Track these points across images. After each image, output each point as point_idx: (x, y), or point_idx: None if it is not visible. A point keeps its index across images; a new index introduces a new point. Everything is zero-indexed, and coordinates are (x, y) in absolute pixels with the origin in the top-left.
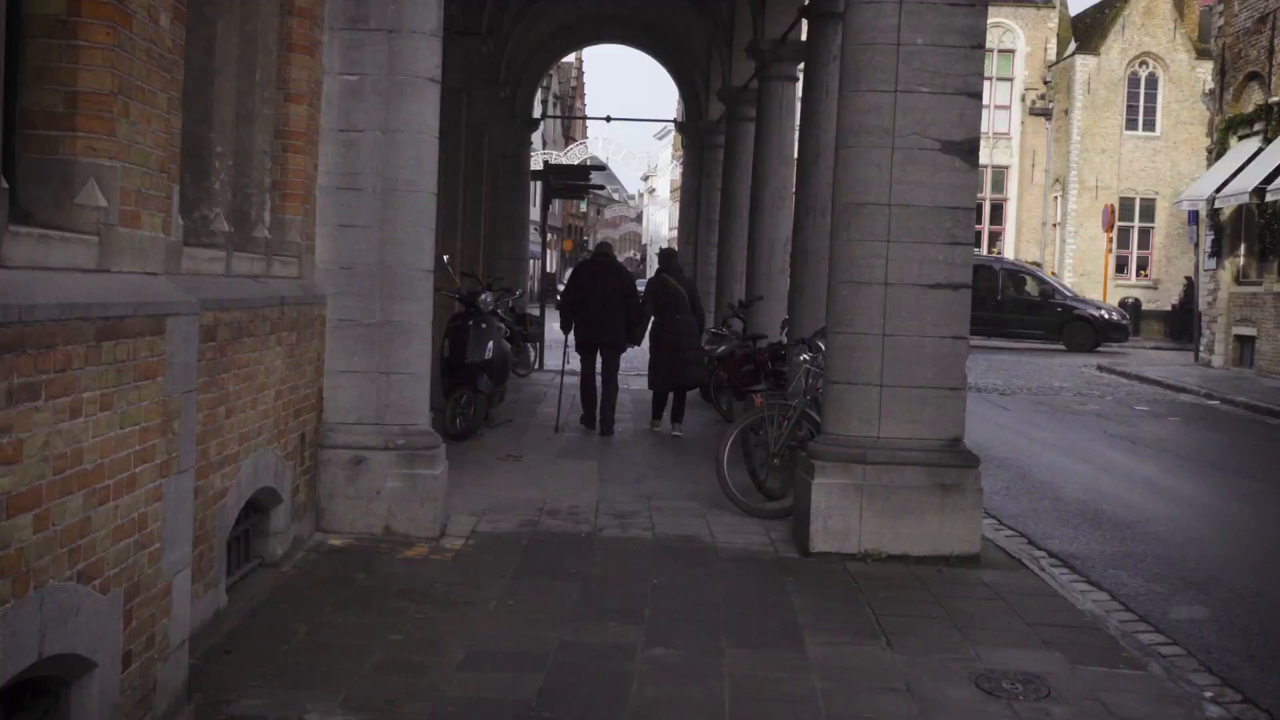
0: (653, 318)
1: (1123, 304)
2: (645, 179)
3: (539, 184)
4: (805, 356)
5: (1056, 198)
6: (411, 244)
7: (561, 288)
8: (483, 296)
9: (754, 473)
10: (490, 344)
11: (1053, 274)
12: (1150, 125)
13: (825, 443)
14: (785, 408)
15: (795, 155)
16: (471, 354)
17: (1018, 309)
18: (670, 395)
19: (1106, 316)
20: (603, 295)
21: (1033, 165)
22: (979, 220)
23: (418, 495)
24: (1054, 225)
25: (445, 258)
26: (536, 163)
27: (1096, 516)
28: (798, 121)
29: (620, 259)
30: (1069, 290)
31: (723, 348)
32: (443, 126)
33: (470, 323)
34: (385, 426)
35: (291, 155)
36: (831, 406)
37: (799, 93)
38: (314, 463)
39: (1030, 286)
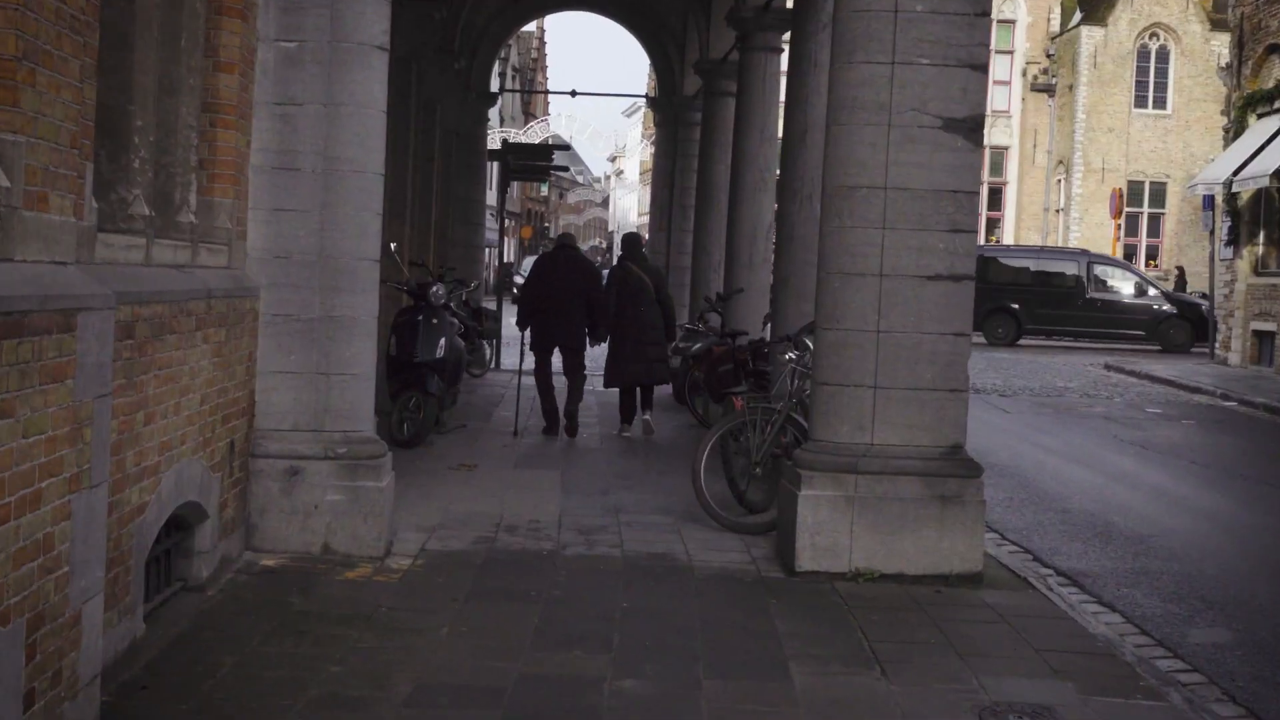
0: (615, 310)
1: None
2: (613, 160)
3: (496, 164)
4: (790, 355)
5: (1060, 181)
6: (355, 230)
7: (519, 279)
8: (434, 289)
9: (734, 483)
10: (442, 341)
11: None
12: (1161, 102)
13: (813, 450)
14: (768, 412)
15: (780, 134)
16: (421, 352)
17: (1108, 308)
18: (638, 392)
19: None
20: (563, 293)
21: (1034, 146)
22: None
23: (360, 510)
24: (1057, 211)
25: (392, 246)
26: (494, 141)
27: (1107, 530)
28: (783, 97)
29: (584, 248)
30: (1156, 285)
31: (699, 345)
32: (391, 100)
33: (420, 318)
34: (324, 433)
35: (221, 131)
36: (820, 410)
37: (784, 65)
38: (244, 474)
39: (1120, 282)
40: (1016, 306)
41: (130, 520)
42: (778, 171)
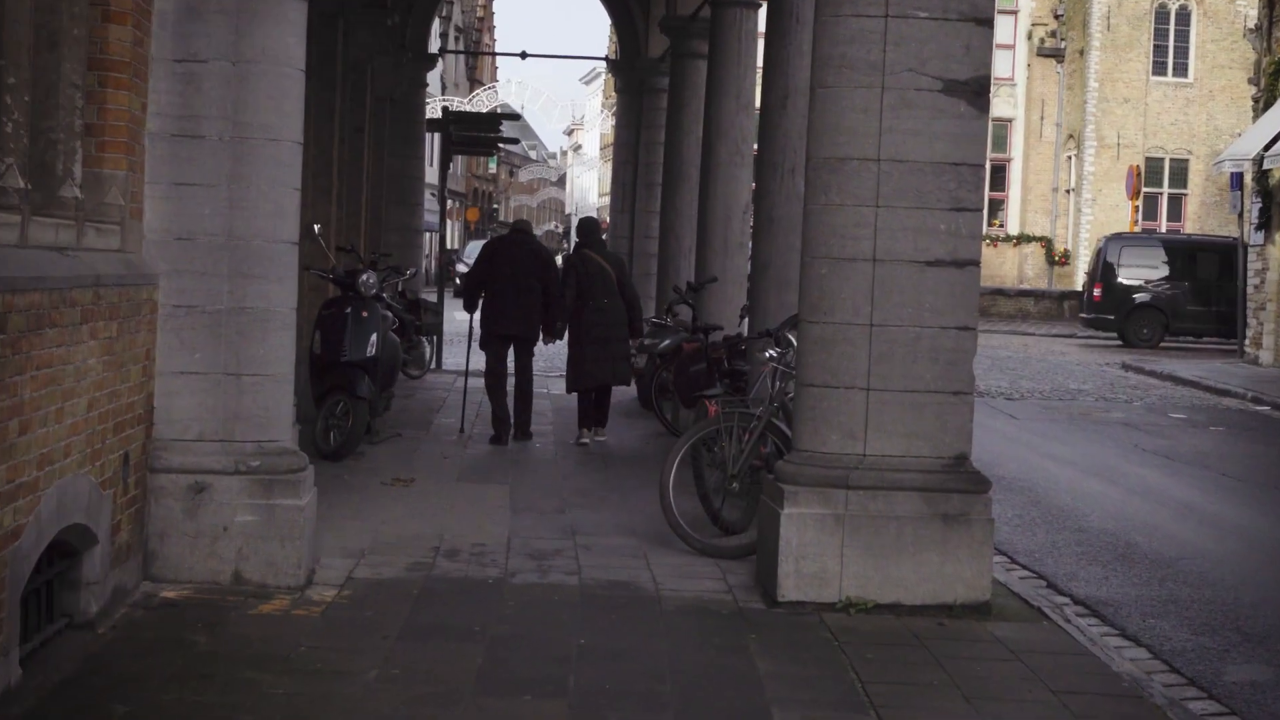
0: (573, 304)
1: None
2: (569, 133)
3: (436, 136)
4: (771, 353)
5: (1070, 158)
6: (270, 208)
7: (463, 267)
8: (364, 277)
9: (707, 500)
10: (373, 338)
11: (1065, 250)
12: (1182, 69)
13: (797, 462)
14: (746, 418)
15: (758, 101)
16: (349, 350)
17: None
18: (593, 396)
19: None
20: (517, 277)
21: (1041, 118)
22: None
23: (277, 532)
24: (1067, 191)
25: (316, 228)
26: (434, 111)
27: (1129, 552)
28: (761, 58)
29: (538, 233)
30: None
31: (667, 342)
32: (313, 60)
33: (348, 310)
34: (235, 444)
35: (111, 92)
36: (805, 416)
37: (763, 22)
38: (141, 492)
39: None
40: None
41: (3, 547)
42: (755, 144)
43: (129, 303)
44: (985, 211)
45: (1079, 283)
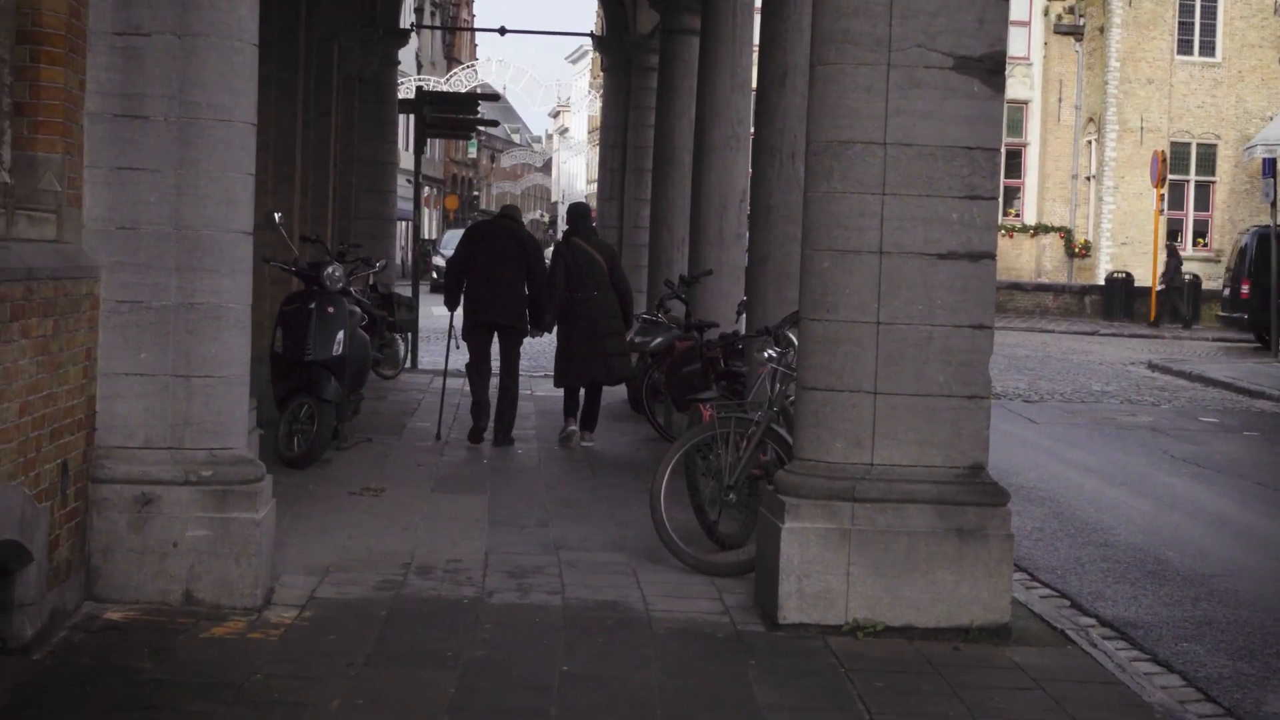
0: (562, 295)
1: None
2: (555, 116)
3: (410, 118)
4: (770, 353)
5: (1090, 142)
6: (221, 194)
7: (440, 259)
8: (329, 270)
9: (702, 512)
10: (340, 335)
11: (1085, 241)
12: (1209, 48)
13: (799, 472)
14: (743, 423)
15: (755, 79)
16: (314, 349)
17: None
18: (582, 394)
19: None
20: (500, 261)
21: (1059, 100)
22: None
23: (231, 548)
24: (1087, 179)
25: (277, 216)
26: (408, 91)
27: (1160, 568)
28: (758, 34)
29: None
30: None
31: (658, 339)
32: (273, 34)
33: (312, 306)
34: (185, 452)
35: (44, 67)
36: (808, 422)
37: None
38: (82, 504)
39: None
40: None
41: None
42: (752, 127)
43: (66, 298)
44: (1001, 200)
45: (1100, 276)
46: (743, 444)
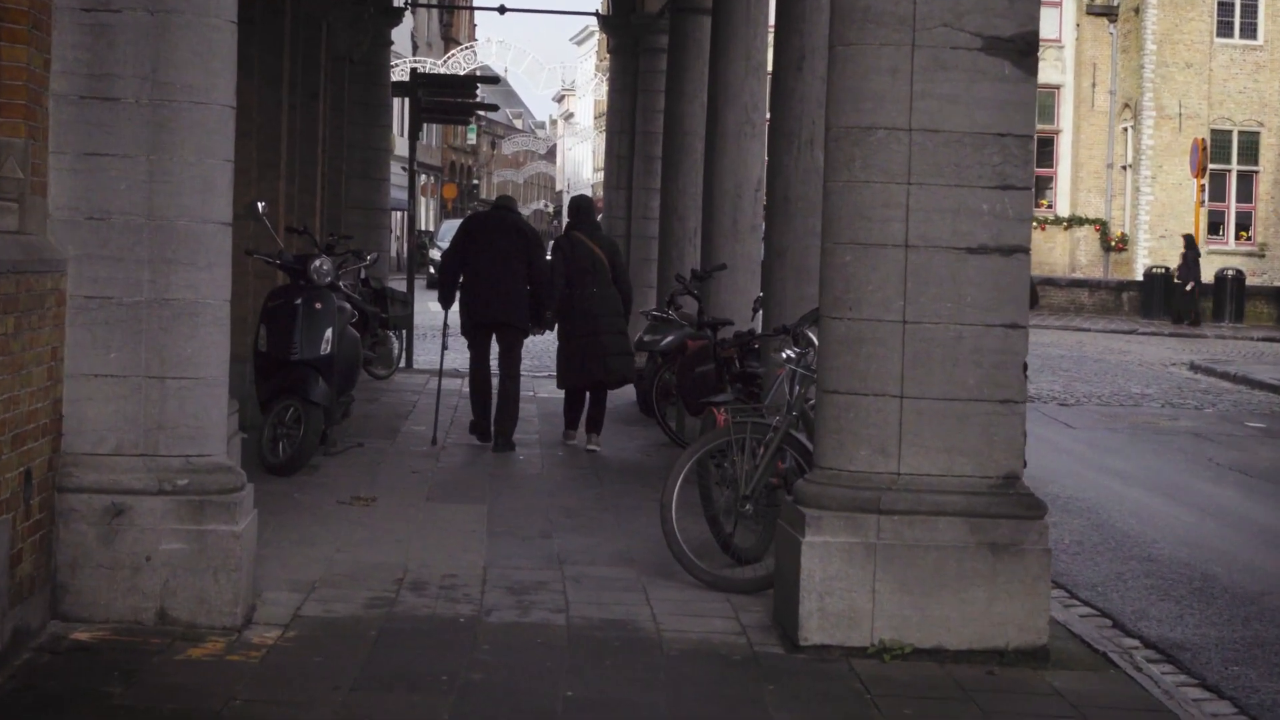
0: (562, 293)
1: (1219, 278)
2: (560, 100)
3: (405, 102)
4: (789, 353)
5: (1126, 129)
6: (198, 182)
7: (436, 252)
8: (316, 263)
9: (716, 524)
10: (328, 333)
11: (1122, 234)
12: (1250, 30)
13: (820, 481)
14: (760, 428)
15: (771, 61)
16: (300, 347)
17: None
18: (587, 396)
19: None
20: (499, 257)
21: (1093, 85)
22: None
23: (209, 563)
24: (1123, 168)
25: (261, 205)
26: (402, 73)
27: (1207, 585)
28: (774, 13)
29: (525, 213)
30: None
31: (669, 338)
32: (256, 11)
33: (298, 301)
34: (159, 459)
35: (5, 45)
36: (829, 428)
37: None
38: (48, 515)
39: None
40: None
41: None
42: (768, 112)
43: (30, 293)
44: (1034, 191)
45: (1138, 270)
46: (760, 451)
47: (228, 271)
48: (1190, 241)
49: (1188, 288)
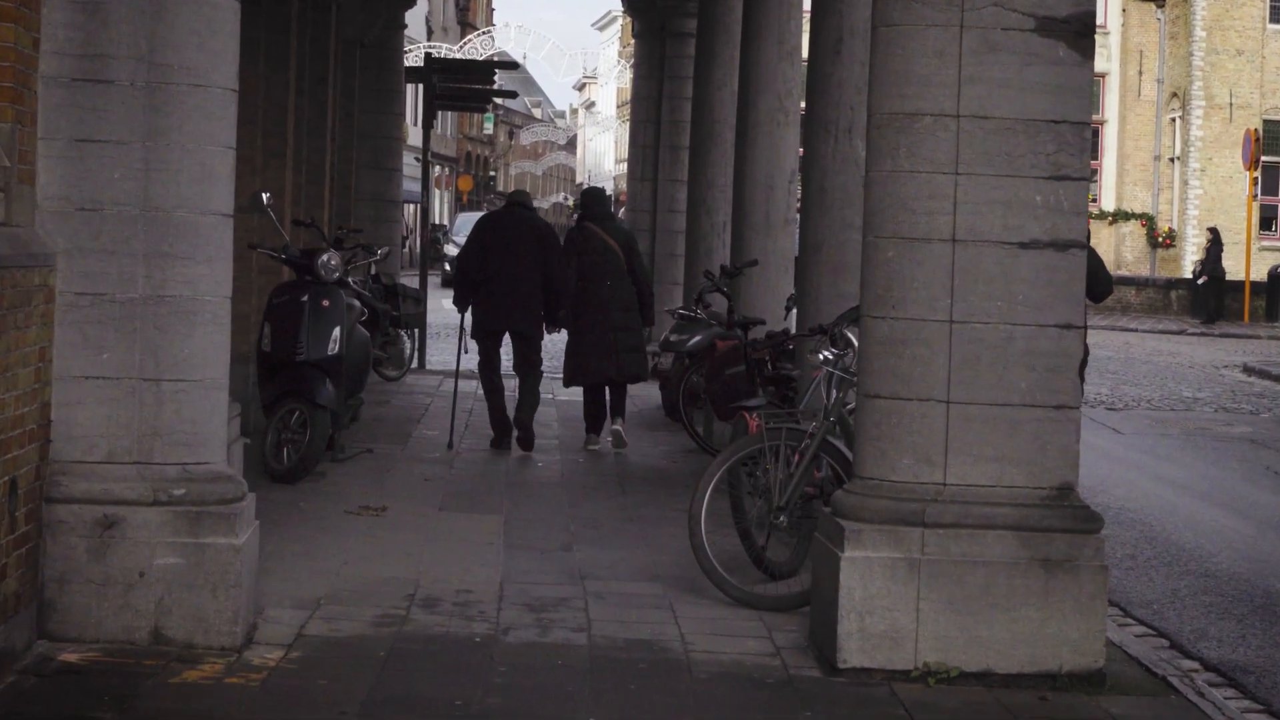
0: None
1: (1272, 275)
2: (580, 88)
3: (418, 88)
4: (826, 354)
5: (1174, 120)
6: (196, 171)
7: (452, 247)
8: (323, 258)
9: (748, 537)
10: (336, 332)
11: (1169, 230)
12: None
13: (860, 492)
14: (796, 435)
15: (806, 46)
16: (306, 347)
17: None
18: (607, 392)
19: None
20: (514, 261)
21: (1139, 73)
22: None
23: (207, 579)
24: (1171, 160)
25: (265, 196)
26: (416, 59)
27: (1269, 602)
28: None
29: (544, 206)
30: None
31: (697, 338)
32: None
33: (304, 299)
34: (154, 467)
35: None
36: (870, 435)
37: None
38: (35, 527)
39: None
40: None
41: None
42: (803, 100)
43: (16, 289)
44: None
45: (1186, 268)
46: (795, 459)
47: (228, 266)
48: (1216, 235)
49: (1200, 281)
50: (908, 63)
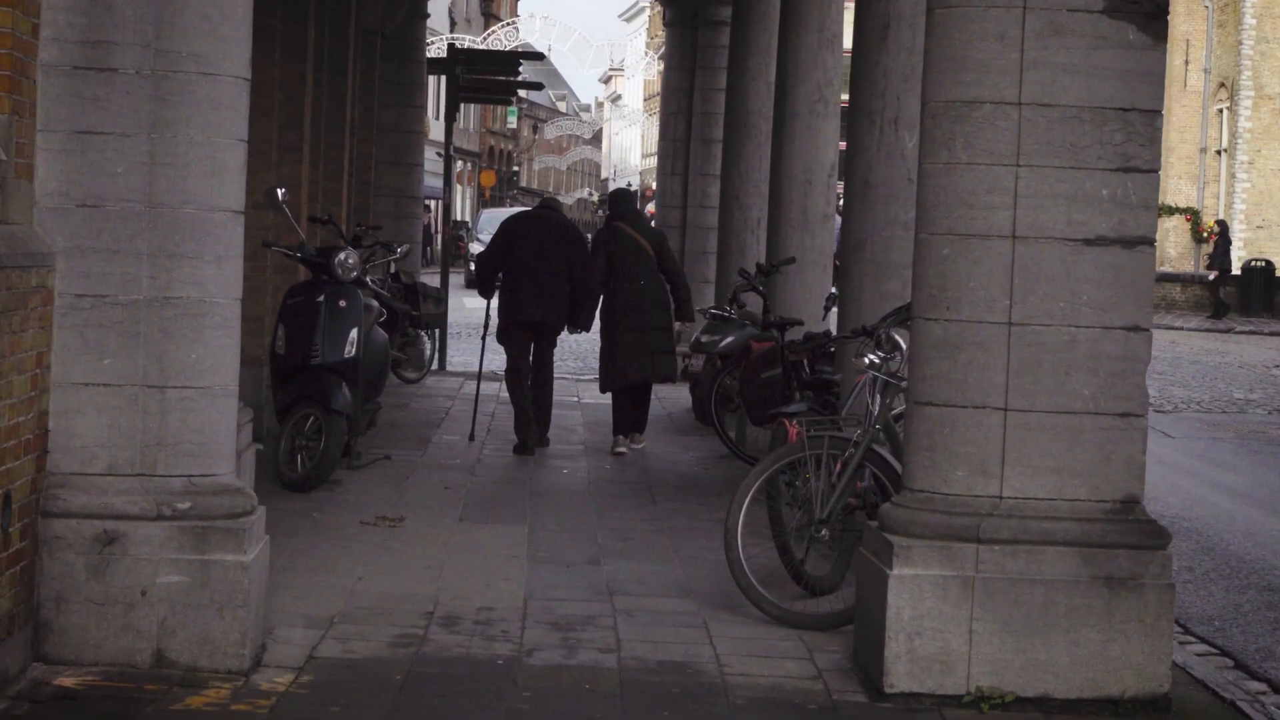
0: (604, 287)
1: None
2: (606, 81)
3: (441, 80)
4: (871, 357)
5: (1221, 111)
6: (206, 164)
7: (476, 245)
8: (340, 256)
9: (787, 551)
10: (353, 333)
11: (1216, 223)
12: None
13: (910, 505)
14: (839, 443)
15: (847, 33)
16: (322, 350)
17: None
18: (630, 395)
19: None
20: (541, 255)
21: (1185, 63)
22: None
23: (213, 598)
24: (1218, 152)
25: (280, 192)
26: (439, 50)
27: None
28: None
29: (568, 203)
30: None
31: (730, 339)
32: None
33: (320, 299)
34: (157, 479)
35: None
36: (921, 444)
37: None
38: (30, 543)
39: None
40: None
41: None
42: (844, 91)
43: (12, 291)
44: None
45: (1235, 265)
46: (837, 469)
47: (239, 266)
48: (1224, 227)
49: (1210, 277)
50: (966, 47)
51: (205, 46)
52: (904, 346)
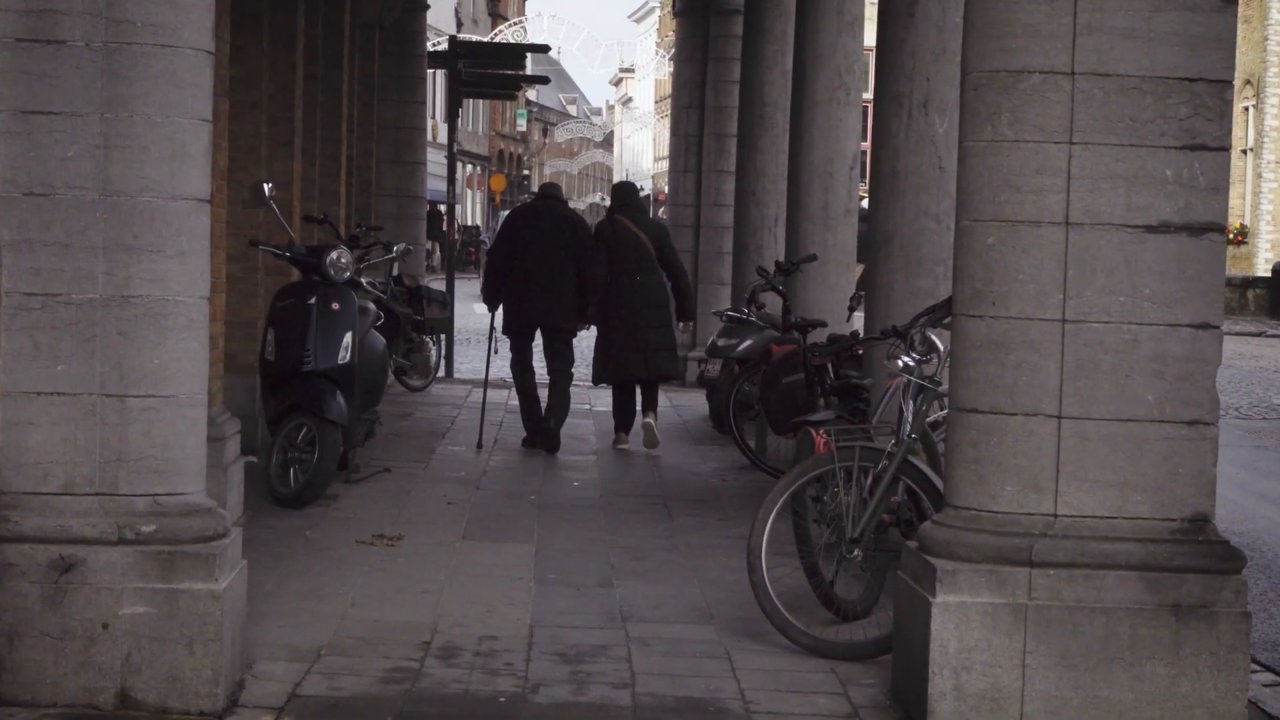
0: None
1: None
2: (616, 84)
3: (442, 75)
4: (904, 360)
5: (1247, 109)
6: (165, 147)
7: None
8: (332, 255)
9: (816, 573)
10: (347, 338)
11: (1241, 226)
12: None
13: (954, 524)
14: (870, 454)
15: (868, 13)
16: (314, 356)
17: None
18: (638, 390)
19: None
20: (546, 253)
21: None
22: None
23: (182, 631)
24: (1243, 152)
25: (267, 186)
26: (443, 48)
27: None
28: None
29: (580, 206)
30: None
31: (748, 342)
32: None
33: (312, 301)
34: (119, 499)
35: None
36: (965, 456)
37: None
38: None
39: None
40: None
41: None
42: (869, 74)
43: None
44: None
45: (1259, 266)
46: (869, 482)
47: (205, 261)
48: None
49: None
50: (1012, 9)
51: (162, 15)
52: (940, 348)
